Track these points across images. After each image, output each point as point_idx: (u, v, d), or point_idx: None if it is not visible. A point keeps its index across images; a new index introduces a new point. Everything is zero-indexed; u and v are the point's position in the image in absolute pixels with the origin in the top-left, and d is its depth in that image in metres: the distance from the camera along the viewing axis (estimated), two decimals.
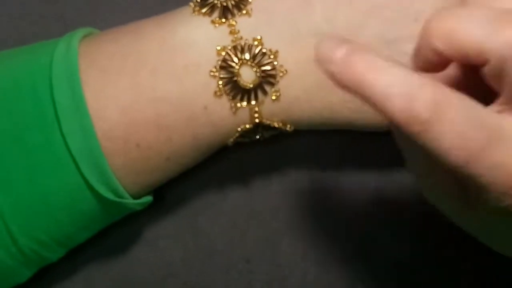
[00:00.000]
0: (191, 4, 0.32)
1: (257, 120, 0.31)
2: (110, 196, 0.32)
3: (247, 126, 0.31)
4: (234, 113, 0.31)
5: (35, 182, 0.31)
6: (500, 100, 0.22)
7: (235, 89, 0.31)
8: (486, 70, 0.22)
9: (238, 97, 0.31)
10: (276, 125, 0.32)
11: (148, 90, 0.31)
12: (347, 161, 0.38)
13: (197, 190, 0.38)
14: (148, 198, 0.34)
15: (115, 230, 0.37)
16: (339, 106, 0.31)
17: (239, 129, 0.32)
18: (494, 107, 0.23)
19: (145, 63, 0.31)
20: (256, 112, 0.31)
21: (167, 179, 0.34)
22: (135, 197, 0.33)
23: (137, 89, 0.31)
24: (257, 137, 0.33)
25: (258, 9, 0.31)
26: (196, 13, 0.31)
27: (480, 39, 0.22)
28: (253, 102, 0.31)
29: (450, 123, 0.21)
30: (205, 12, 0.31)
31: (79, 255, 0.37)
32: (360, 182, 0.37)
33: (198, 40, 0.31)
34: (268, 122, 0.32)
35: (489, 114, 0.22)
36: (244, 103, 0.31)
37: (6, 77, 0.32)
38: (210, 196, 0.38)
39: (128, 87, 0.31)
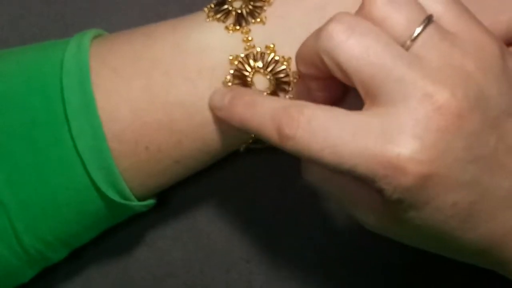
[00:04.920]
0: (206, 9, 0.32)
1: None
2: (116, 198, 0.31)
3: None
4: None
5: (43, 181, 0.30)
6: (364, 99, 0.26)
7: None
8: (336, 75, 0.26)
9: None
10: None
11: (161, 92, 0.30)
12: None
13: (197, 191, 0.38)
14: (152, 201, 0.34)
15: (115, 230, 0.37)
16: None
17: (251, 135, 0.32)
18: (365, 106, 0.26)
19: (158, 65, 0.31)
20: None
21: (175, 181, 0.34)
22: (141, 199, 0.33)
23: (150, 91, 0.30)
24: None
25: (272, 15, 0.31)
26: (211, 18, 0.31)
27: (312, 45, 0.27)
28: None
29: (313, 131, 0.25)
30: (219, 18, 0.31)
31: (79, 255, 0.37)
32: None
33: (211, 45, 0.31)
34: None
35: (347, 113, 0.26)
36: None
37: (17, 74, 0.31)
38: (210, 196, 0.38)
39: (141, 88, 0.30)
